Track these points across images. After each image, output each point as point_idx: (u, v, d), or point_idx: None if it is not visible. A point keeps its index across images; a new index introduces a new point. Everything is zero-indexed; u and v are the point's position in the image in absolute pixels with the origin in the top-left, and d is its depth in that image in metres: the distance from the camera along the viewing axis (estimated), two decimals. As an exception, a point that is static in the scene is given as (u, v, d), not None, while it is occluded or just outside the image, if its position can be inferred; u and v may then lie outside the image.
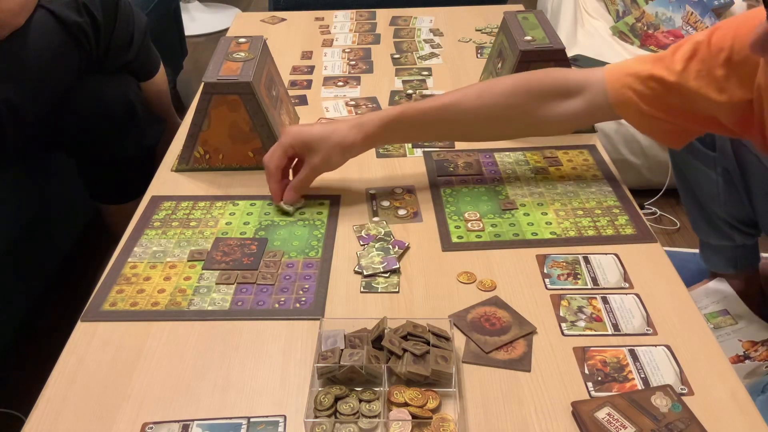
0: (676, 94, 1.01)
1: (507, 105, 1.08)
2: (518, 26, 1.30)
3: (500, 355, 0.83)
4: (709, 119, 1.01)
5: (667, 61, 1.02)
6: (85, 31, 1.44)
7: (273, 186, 1.09)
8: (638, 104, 1.03)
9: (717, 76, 0.97)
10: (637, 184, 2.02)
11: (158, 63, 1.75)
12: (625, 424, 0.73)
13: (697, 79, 0.98)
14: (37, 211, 1.59)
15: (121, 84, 1.58)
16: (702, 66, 0.98)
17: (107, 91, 1.55)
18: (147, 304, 0.92)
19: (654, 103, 1.03)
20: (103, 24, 1.48)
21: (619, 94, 1.04)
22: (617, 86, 1.05)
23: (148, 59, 1.70)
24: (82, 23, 1.43)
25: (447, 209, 1.09)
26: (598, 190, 1.12)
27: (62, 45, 1.41)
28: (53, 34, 1.40)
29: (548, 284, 0.94)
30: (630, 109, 1.05)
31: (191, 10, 3.45)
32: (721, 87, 0.97)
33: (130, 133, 1.59)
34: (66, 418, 0.77)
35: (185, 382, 0.81)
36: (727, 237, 1.51)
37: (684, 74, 0.99)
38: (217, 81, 1.15)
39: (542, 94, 1.08)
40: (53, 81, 1.43)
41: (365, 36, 1.74)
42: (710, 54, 0.97)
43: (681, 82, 1.00)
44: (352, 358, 0.78)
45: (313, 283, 0.95)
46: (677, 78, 1.00)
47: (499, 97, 1.08)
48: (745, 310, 1.52)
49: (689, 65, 0.99)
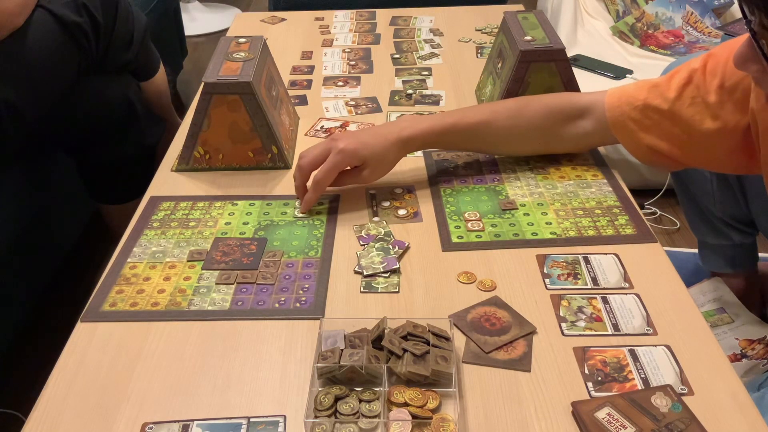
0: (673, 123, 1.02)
1: (533, 126, 1.13)
2: (518, 26, 1.30)
3: (500, 355, 0.83)
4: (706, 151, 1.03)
5: (663, 87, 1.03)
6: (85, 31, 1.44)
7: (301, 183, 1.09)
8: (636, 133, 1.05)
9: (710, 103, 0.98)
10: (637, 184, 2.01)
11: (158, 63, 1.75)
12: (625, 424, 0.73)
13: (691, 107, 1.00)
14: (37, 211, 1.59)
15: (121, 84, 1.58)
16: (696, 93, 0.99)
17: (107, 91, 1.55)
18: (147, 304, 0.92)
19: (652, 131, 1.05)
20: (103, 24, 1.48)
21: (618, 121, 1.08)
22: (616, 114, 1.08)
23: (148, 59, 1.70)
24: (81, 23, 1.43)
25: (447, 209, 1.09)
26: (598, 190, 1.12)
27: (62, 45, 1.41)
28: (52, 34, 1.40)
29: (548, 284, 0.94)
30: (627, 137, 1.08)
31: (191, 10, 3.45)
32: (715, 114, 0.98)
33: (131, 132, 1.59)
34: (66, 418, 0.77)
35: (185, 382, 0.81)
36: (724, 236, 1.51)
37: (678, 102, 1.01)
38: (217, 81, 1.15)
39: (561, 115, 1.13)
40: (53, 81, 1.43)
41: (365, 36, 1.74)
42: (704, 81, 0.98)
43: (675, 110, 1.01)
44: (352, 358, 0.78)
45: (313, 283, 0.95)
46: (671, 106, 1.01)
47: (527, 118, 1.13)
48: (741, 308, 1.51)
49: (684, 92, 1.00)
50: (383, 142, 1.07)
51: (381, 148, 1.07)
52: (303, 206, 1.09)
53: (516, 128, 1.13)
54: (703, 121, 1.00)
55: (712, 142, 1.02)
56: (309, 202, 1.08)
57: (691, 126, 1.01)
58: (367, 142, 1.07)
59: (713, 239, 1.53)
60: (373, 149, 1.07)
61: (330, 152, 1.05)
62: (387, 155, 1.08)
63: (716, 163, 1.11)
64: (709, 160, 1.10)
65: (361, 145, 1.06)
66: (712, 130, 1.00)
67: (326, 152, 1.06)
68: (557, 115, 1.13)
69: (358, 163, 1.07)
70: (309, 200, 1.08)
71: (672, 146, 1.05)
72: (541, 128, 1.13)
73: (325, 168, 1.06)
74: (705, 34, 2.36)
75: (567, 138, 1.14)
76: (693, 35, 2.37)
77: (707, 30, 2.36)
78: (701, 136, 1.01)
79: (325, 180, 1.06)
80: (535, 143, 1.16)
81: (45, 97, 1.42)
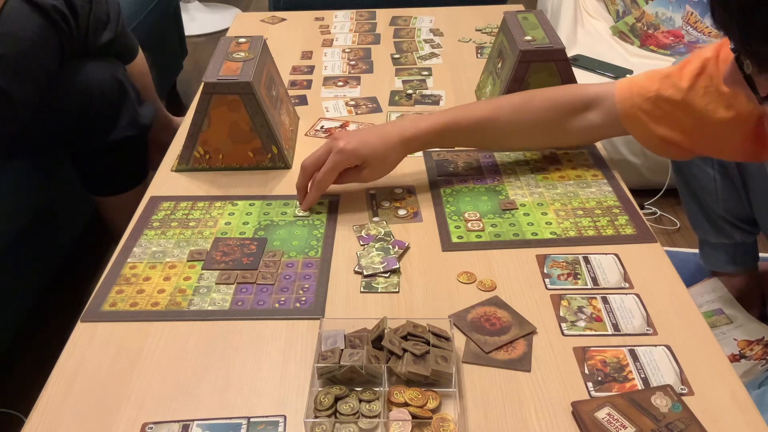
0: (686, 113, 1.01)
1: (539, 120, 1.12)
2: (518, 26, 1.30)
3: (500, 355, 0.83)
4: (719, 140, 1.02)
5: (675, 77, 1.02)
6: (62, 12, 1.47)
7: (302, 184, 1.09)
8: (648, 124, 1.04)
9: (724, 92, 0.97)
10: (637, 184, 2.01)
11: (137, 44, 1.79)
12: (625, 424, 0.73)
13: (704, 96, 0.98)
14: (37, 211, 1.59)
15: (108, 65, 1.61)
16: (710, 82, 0.98)
17: (96, 73, 1.57)
18: (147, 304, 0.92)
19: (664, 122, 1.04)
20: (79, 4, 1.51)
21: (629, 113, 1.06)
22: (626, 105, 1.06)
23: (129, 39, 1.74)
24: (57, 5, 1.46)
25: (447, 209, 1.09)
26: (598, 190, 1.12)
27: (40, 29, 1.43)
28: (29, 20, 1.42)
29: (548, 284, 0.94)
30: (638, 128, 1.06)
31: (191, 10, 3.45)
32: (728, 103, 0.97)
33: (124, 113, 1.60)
34: (66, 418, 0.77)
35: (185, 382, 0.81)
36: (725, 234, 1.51)
37: (691, 92, 1.00)
38: (217, 81, 1.15)
39: (567, 108, 1.11)
40: (38, 66, 1.44)
41: (365, 36, 1.74)
42: (717, 70, 0.97)
43: (688, 100, 1.00)
44: (352, 358, 0.78)
45: (313, 283, 0.95)
46: (684, 96, 1.00)
47: (532, 113, 1.12)
48: (740, 309, 1.51)
49: (697, 82, 0.99)
50: (384, 142, 1.07)
51: (382, 148, 1.07)
52: (303, 205, 1.09)
53: (521, 123, 1.12)
54: (716, 111, 0.99)
55: (726, 131, 1.01)
56: (310, 201, 1.08)
57: (705, 116, 1.00)
58: (367, 141, 1.07)
59: (714, 237, 1.53)
60: (374, 148, 1.07)
61: (331, 152, 1.06)
62: (388, 155, 1.08)
63: (728, 151, 1.10)
64: (722, 149, 1.09)
65: (361, 144, 1.06)
66: (725, 119, 0.99)
67: (328, 152, 1.06)
68: (563, 108, 1.12)
69: (358, 162, 1.07)
70: (310, 200, 1.08)
71: (684, 136, 1.04)
72: (547, 122, 1.12)
73: (325, 168, 1.06)
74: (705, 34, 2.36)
75: (574, 131, 1.13)
76: (693, 35, 2.37)
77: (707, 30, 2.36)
78: (715, 125, 1.01)
79: (325, 179, 1.06)
80: (540, 137, 1.16)
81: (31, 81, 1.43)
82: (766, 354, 1.42)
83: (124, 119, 1.61)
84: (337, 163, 1.05)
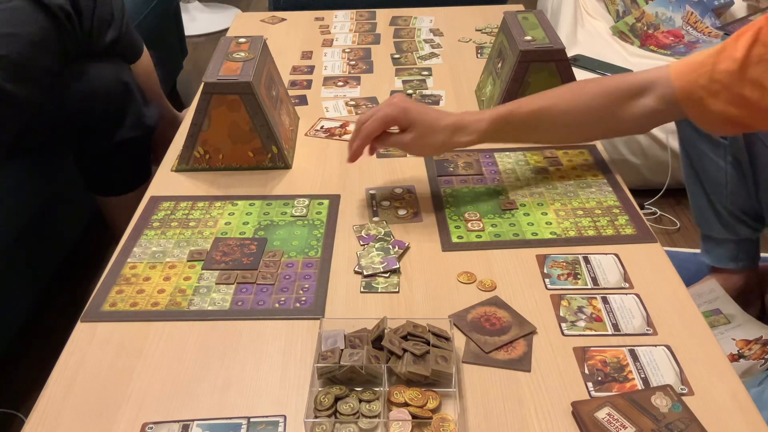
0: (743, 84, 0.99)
1: (593, 108, 1.10)
2: (518, 26, 1.30)
3: (500, 355, 0.83)
4: None
5: (730, 49, 1.00)
6: (67, 11, 1.46)
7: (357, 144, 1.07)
8: (705, 100, 1.02)
9: None
10: (637, 184, 2.01)
11: (142, 44, 1.78)
12: (625, 424, 0.73)
13: (759, 64, 0.96)
14: (37, 211, 1.59)
15: (113, 67, 1.61)
16: (764, 50, 0.96)
17: (101, 74, 1.56)
18: (147, 304, 0.92)
19: (722, 96, 1.02)
20: (83, 2, 1.51)
21: (687, 90, 1.04)
22: (684, 82, 1.04)
23: (133, 38, 1.73)
24: (63, 4, 1.45)
25: (447, 209, 1.09)
26: (598, 190, 1.12)
27: (43, 28, 1.43)
28: (32, 20, 1.41)
29: (548, 284, 0.94)
30: (697, 107, 1.04)
31: (191, 10, 3.45)
32: None
33: (129, 114, 1.60)
34: (66, 418, 0.77)
35: (185, 382, 0.81)
36: (731, 230, 1.50)
37: (746, 61, 0.98)
38: (217, 81, 1.15)
39: (621, 95, 1.09)
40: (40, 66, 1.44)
41: (365, 36, 1.74)
42: None
43: (743, 69, 0.98)
44: (352, 358, 0.78)
45: (313, 283, 0.95)
46: (739, 66, 0.98)
47: (586, 102, 1.10)
48: (737, 309, 1.51)
49: (751, 51, 0.97)
50: (437, 118, 1.06)
51: (434, 120, 1.06)
52: (350, 156, 1.08)
53: (574, 113, 1.11)
54: None
55: None
56: (356, 151, 1.07)
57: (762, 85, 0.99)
58: (421, 108, 1.07)
59: (719, 233, 1.53)
60: (426, 117, 1.06)
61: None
62: (437, 132, 1.06)
63: None
64: None
65: (414, 107, 1.06)
66: None
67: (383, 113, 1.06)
68: (616, 95, 1.10)
69: (406, 123, 1.06)
70: (356, 150, 1.07)
71: (743, 110, 1.01)
72: (601, 109, 1.10)
73: (374, 118, 1.05)
74: (705, 34, 2.36)
75: (628, 118, 1.10)
76: (693, 35, 2.37)
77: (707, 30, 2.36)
78: None
79: (372, 130, 1.05)
80: (595, 126, 1.14)
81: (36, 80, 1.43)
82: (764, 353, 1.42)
83: (129, 120, 1.61)
84: (386, 115, 1.05)
